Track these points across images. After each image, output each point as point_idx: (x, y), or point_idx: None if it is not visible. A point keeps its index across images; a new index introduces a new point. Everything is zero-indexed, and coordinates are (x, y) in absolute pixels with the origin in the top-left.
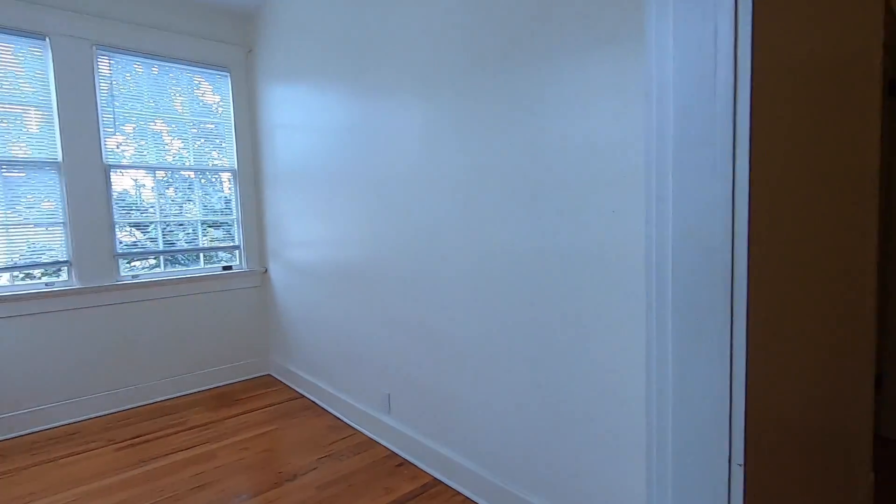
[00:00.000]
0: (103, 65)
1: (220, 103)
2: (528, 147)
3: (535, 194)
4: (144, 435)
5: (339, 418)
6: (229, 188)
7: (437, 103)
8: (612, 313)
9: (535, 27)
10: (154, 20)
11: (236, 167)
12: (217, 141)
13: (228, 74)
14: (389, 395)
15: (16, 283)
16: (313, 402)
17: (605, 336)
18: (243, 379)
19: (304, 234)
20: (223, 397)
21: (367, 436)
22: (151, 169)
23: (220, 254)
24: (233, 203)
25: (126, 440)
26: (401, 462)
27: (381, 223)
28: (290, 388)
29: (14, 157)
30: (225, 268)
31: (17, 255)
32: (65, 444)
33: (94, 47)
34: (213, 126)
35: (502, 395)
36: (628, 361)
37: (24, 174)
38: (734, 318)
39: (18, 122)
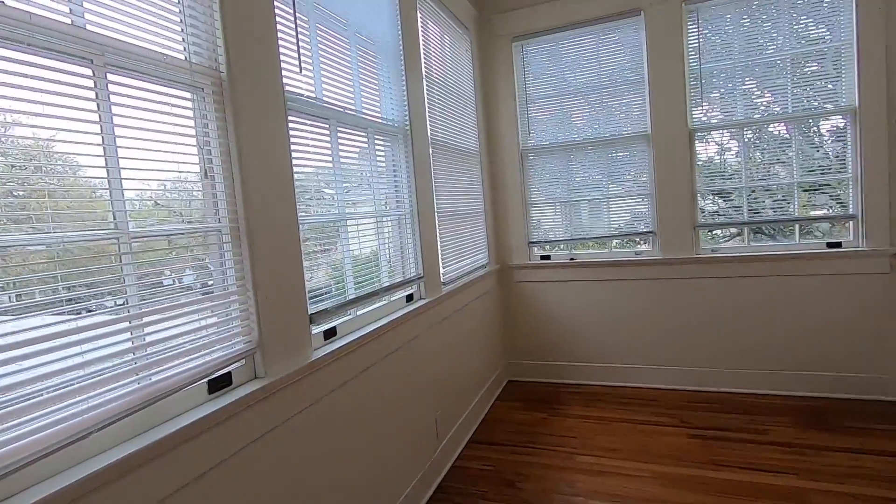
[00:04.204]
0: (691, 24)
1: (831, 30)
2: None
3: None
4: (719, 430)
5: None
6: (839, 137)
7: None
8: None
9: None
10: None
11: (856, 105)
12: (822, 80)
13: None
14: None
15: (613, 250)
16: None
17: None
18: (850, 398)
19: None
20: (817, 415)
21: None
22: (739, 127)
23: (823, 226)
24: (847, 157)
25: (699, 427)
26: None
27: None
28: None
29: (620, 134)
30: (830, 245)
31: (622, 223)
32: (645, 410)
33: (682, 6)
34: (817, 63)
35: None
36: None
37: (627, 152)
38: None
39: (625, 104)
